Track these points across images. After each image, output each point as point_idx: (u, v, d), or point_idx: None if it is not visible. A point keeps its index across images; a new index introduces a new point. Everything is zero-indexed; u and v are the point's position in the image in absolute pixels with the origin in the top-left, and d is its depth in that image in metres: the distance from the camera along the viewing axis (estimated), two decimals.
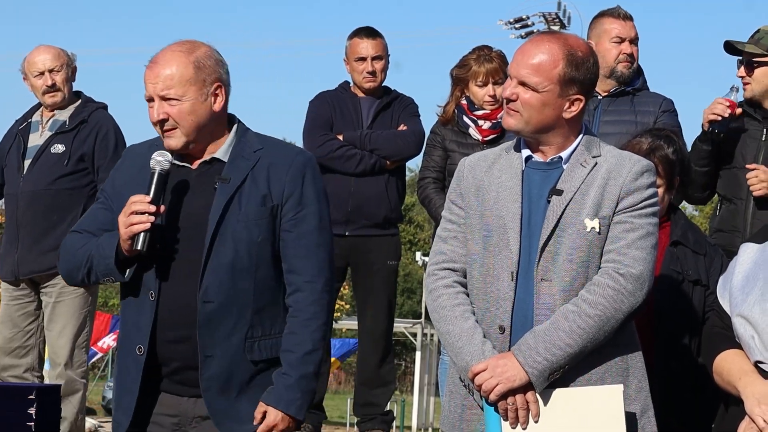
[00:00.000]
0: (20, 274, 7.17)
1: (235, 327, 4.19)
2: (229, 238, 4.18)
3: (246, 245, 4.19)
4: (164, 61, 4.21)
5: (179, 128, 4.21)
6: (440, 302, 4.18)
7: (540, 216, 4.08)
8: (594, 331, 3.97)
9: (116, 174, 4.42)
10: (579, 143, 4.16)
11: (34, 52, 7.33)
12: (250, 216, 4.19)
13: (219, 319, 4.18)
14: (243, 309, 4.20)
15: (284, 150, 4.35)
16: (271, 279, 4.26)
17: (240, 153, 4.27)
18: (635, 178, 4.08)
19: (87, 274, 4.28)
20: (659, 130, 5.25)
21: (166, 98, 4.19)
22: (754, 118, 6.14)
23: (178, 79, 4.19)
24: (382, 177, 7.30)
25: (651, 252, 4.07)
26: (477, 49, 7.25)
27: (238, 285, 4.19)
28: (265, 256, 4.23)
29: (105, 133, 7.21)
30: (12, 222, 7.20)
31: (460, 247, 4.22)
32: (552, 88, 4.08)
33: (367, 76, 7.35)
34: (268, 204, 4.21)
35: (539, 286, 4.04)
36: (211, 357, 4.18)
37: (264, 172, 4.23)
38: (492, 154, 4.28)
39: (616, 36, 6.16)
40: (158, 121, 4.21)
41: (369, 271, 7.32)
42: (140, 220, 4.09)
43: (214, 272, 4.17)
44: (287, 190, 4.23)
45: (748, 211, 6.03)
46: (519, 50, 4.15)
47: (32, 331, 7.28)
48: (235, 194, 4.20)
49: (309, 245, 4.25)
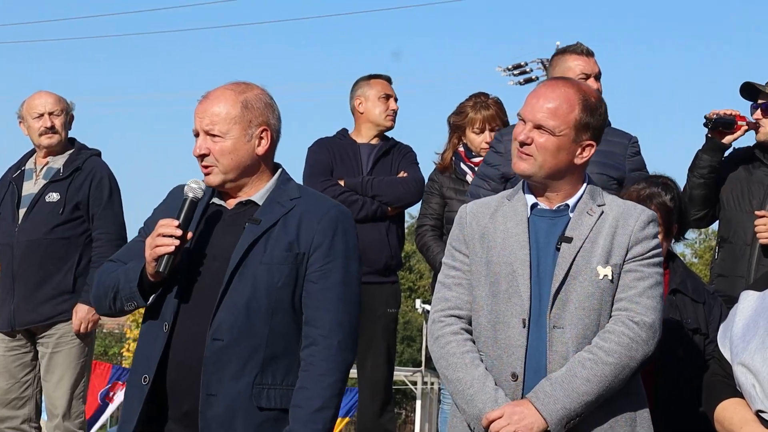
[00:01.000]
0: (17, 325, 7.14)
1: (243, 369, 4.12)
2: (249, 278, 4.15)
3: (265, 288, 4.15)
4: (214, 98, 4.25)
5: (218, 165, 4.23)
6: (448, 349, 4.15)
7: (549, 263, 4.07)
8: (611, 378, 3.97)
9: (158, 208, 4.44)
10: (584, 191, 4.16)
11: (34, 95, 7.35)
12: (274, 260, 4.17)
13: (227, 358, 4.12)
14: (254, 352, 4.13)
15: (321, 201, 4.34)
16: (289, 327, 4.19)
17: (276, 198, 4.27)
18: (643, 228, 4.10)
19: (113, 300, 4.28)
20: (656, 177, 5.25)
21: (210, 134, 4.22)
22: (764, 163, 6.13)
23: (224, 117, 4.21)
24: (382, 224, 7.30)
25: (660, 301, 4.08)
26: (474, 96, 7.29)
27: (252, 327, 4.13)
28: (284, 302, 4.17)
29: (99, 180, 7.21)
30: (8, 272, 7.16)
31: (465, 293, 4.20)
32: (568, 132, 4.08)
33: (391, 114, 7.44)
34: (293, 250, 4.18)
35: (552, 334, 4.02)
36: (214, 396, 4.11)
37: (296, 220, 4.22)
38: (494, 201, 4.28)
39: (581, 73, 6.09)
40: (199, 155, 4.24)
41: (369, 319, 7.28)
42: (165, 243, 4.10)
43: (229, 310, 4.14)
44: (316, 240, 4.20)
45: (753, 257, 6.02)
46: (533, 94, 4.15)
47: (29, 381, 7.24)
48: (262, 236, 4.19)
49: (330, 298, 4.18)
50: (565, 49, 6.26)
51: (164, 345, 4.17)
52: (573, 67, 6.15)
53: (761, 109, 6.09)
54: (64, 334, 7.10)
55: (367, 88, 7.46)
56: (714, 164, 6.14)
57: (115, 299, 4.27)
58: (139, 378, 4.19)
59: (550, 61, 6.40)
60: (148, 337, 4.26)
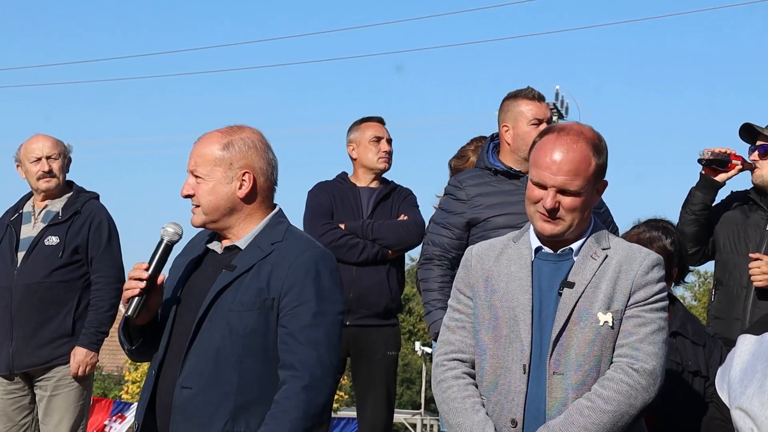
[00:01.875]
0: (15, 368, 7.12)
1: (213, 417, 4.06)
2: (219, 324, 4.11)
3: (235, 334, 4.10)
4: (203, 139, 4.28)
5: (201, 206, 4.24)
6: (450, 394, 4.13)
7: (551, 308, 4.04)
8: (609, 426, 3.93)
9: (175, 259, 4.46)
10: (589, 235, 4.14)
11: (32, 139, 7.35)
12: (243, 306, 4.11)
13: (196, 406, 4.08)
14: (225, 400, 4.06)
15: (299, 244, 4.24)
16: (263, 374, 4.10)
17: (258, 243, 4.23)
18: (646, 272, 4.06)
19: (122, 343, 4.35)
20: (656, 221, 5.25)
21: (195, 174, 4.24)
22: (760, 206, 6.14)
23: (206, 158, 4.22)
24: (383, 267, 7.30)
25: (662, 347, 4.04)
26: (475, 140, 7.29)
27: (221, 374, 4.08)
28: (255, 349, 4.10)
29: (98, 223, 7.21)
30: (6, 315, 7.14)
31: (469, 337, 4.17)
32: (590, 186, 4.06)
33: (383, 156, 7.40)
34: (262, 296, 4.12)
35: (551, 380, 3.99)
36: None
37: (269, 265, 4.17)
38: (499, 244, 4.25)
39: (533, 118, 6.07)
40: (185, 195, 4.25)
41: (369, 362, 7.28)
42: (131, 286, 4.12)
43: (198, 357, 4.11)
44: (287, 284, 4.13)
45: (748, 300, 6.02)
46: (543, 154, 4.06)
47: (27, 424, 7.23)
48: (233, 281, 4.15)
49: (301, 341, 4.09)
50: (517, 94, 6.21)
51: (151, 390, 4.19)
52: (525, 112, 6.11)
53: (759, 152, 6.09)
54: (62, 377, 7.09)
55: (358, 133, 7.45)
56: (707, 202, 6.14)
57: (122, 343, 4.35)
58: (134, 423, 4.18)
59: (501, 105, 6.29)
60: (145, 381, 4.27)
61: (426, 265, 6.26)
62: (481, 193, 6.11)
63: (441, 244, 6.19)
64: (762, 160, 6.09)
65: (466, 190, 6.12)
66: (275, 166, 4.34)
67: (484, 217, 6.05)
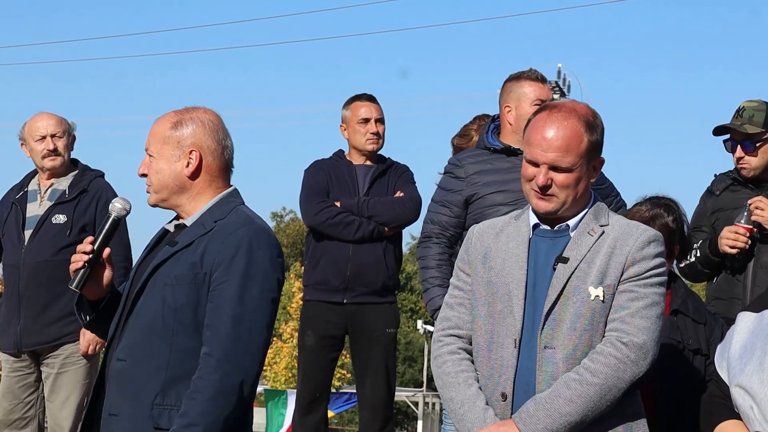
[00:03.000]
0: (23, 346, 7.15)
1: (143, 389, 4.09)
2: (153, 298, 4.15)
3: (167, 308, 4.12)
4: (159, 119, 4.33)
5: (152, 185, 4.29)
6: (444, 368, 4.18)
7: (545, 283, 4.07)
8: (595, 399, 3.95)
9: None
10: (587, 211, 4.16)
11: (36, 117, 7.34)
12: (176, 280, 4.13)
13: (128, 378, 4.13)
14: (155, 372, 4.09)
15: (236, 221, 4.22)
16: (193, 349, 4.08)
17: (202, 221, 4.25)
18: (642, 247, 4.07)
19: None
20: (658, 198, 5.26)
21: (149, 153, 4.29)
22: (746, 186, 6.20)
23: (157, 137, 4.27)
24: (379, 244, 7.30)
25: (656, 322, 4.05)
26: (478, 119, 7.29)
27: (152, 347, 4.11)
28: (185, 323, 4.10)
29: (105, 202, 7.14)
30: (14, 293, 7.16)
31: (466, 313, 4.21)
32: (582, 162, 4.08)
33: (371, 137, 7.37)
34: (194, 270, 4.12)
35: (542, 354, 4.02)
36: (115, 416, 4.12)
37: (203, 241, 4.17)
38: (501, 222, 4.28)
39: (536, 99, 6.09)
40: (140, 174, 4.31)
41: (368, 340, 7.29)
42: (76, 259, 4.20)
43: (133, 331, 4.16)
44: (217, 260, 4.12)
45: (748, 279, 6.04)
46: (535, 132, 4.11)
47: (32, 402, 7.25)
48: (171, 257, 4.18)
49: (220, 316, 4.06)
50: (520, 75, 6.25)
51: (102, 365, 4.28)
52: (528, 93, 6.15)
53: (740, 147, 6.14)
54: (70, 355, 7.12)
55: (348, 113, 7.45)
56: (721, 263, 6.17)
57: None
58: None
59: (503, 87, 6.33)
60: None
61: (424, 243, 6.30)
62: (479, 171, 6.15)
63: (439, 222, 6.22)
64: (747, 156, 6.14)
65: (465, 168, 6.15)
66: (227, 147, 4.33)
67: (482, 194, 6.09)
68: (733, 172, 6.28)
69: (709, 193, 6.37)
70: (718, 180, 6.36)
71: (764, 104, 6.15)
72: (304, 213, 7.39)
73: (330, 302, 7.27)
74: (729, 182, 6.26)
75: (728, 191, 6.25)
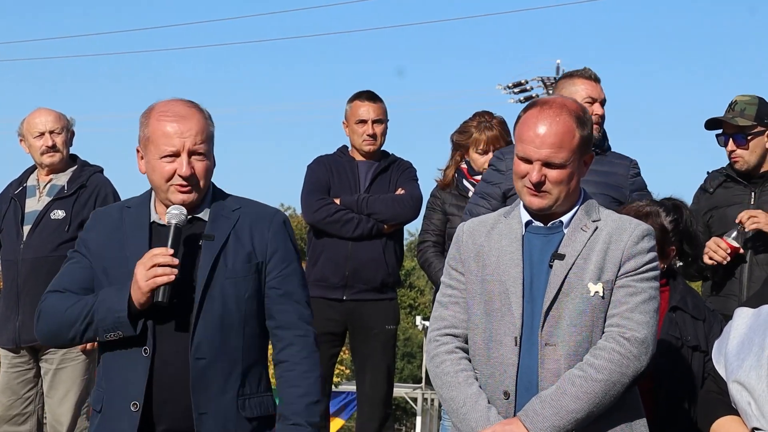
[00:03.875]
0: (21, 342, 7.14)
1: (227, 384, 4.17)
2: (217, 294, 4.17)
3: (234, 301, 4.20)
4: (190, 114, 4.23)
5: (199, 185, 4.24)
6: (443, 368, 4.17)
7: (542, 280, 4.07)
8: (600, 395, 3.96)
9: (89, 235, 4.36)
10: (579, 207, 4.16)
11: (34, 113, 7.34)
12: (238, 273, 4.20)
13: (211, 376, 4.16)
14: (233, 366, 4.20)
15: (262, 208, 4.37)
16: (257, 336, 4.28)
17: (220, 212, 4.27)
18: (636, 242, 4.08)
19: (84, 331, 4.18)
20: (667, 199, 5.25)
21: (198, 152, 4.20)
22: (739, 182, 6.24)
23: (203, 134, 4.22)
24: (379, 241, 7.31)
25: (654, 316, 4.06)
26: (478, 115, 7.29)
27: (228, 341, 4.19)
28: (252, 312, 4.24)
29: (104, 197, 7.21)
30: (12, 289, 7.16)
31: (461, 312, 4.20)
32: (575, 157, 4.08)
33: (367, 139, 7.38)
34: (253, 261, 4.23)
35: (544, 351, 4.02)
36: (205, 414, 4.14)
37: (246, 230, 4.25)
38: (491, 219, 4.28)
39: (587, 96, 6.12)
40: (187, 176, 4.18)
41: (367, 336, 7.30)
42: (165, 272, 4.07)
43: (205, 329, 4.16)
44: (270, 247, 4.27)
45: (744, 275, 6.06)
46: (527, 128, 4.09)
47: (31, 398, 7.26)
48: (220, 252, 4.20)
49: (297, 301, 4.30)
50: (573, 73, 6.30)
51: (149, 369, 4.14)
52: (579, 91, 6.17)
53: (732, 140, 6.16)
54: (69, 351, 7.10)
55: (348, 112, 7.49)
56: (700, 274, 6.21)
57: (87, 330, 4.18)
58: (126, 405, 4.14)
59: (556, 84, 6.42)
60: (123, 361, 4.19)
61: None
62: None
63: (477, 214, 6.21)
64: (739, 149, 6.15)
65: (506, 161, 6.15)
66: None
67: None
68: (725, 168, 6.31)
69: (702, 190, 6.39)
70: (711, 177, 6.38)
71: (756, 98, 6.20)
72: (304, 210, 7.40)
73: (330, 299, 7.28)
74: (722, 179, 6.28)
75: (722, 188, 6.27)
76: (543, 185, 4.07)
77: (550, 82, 40.28)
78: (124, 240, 4.25)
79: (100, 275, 4.24)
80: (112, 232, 4.29)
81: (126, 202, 4.40)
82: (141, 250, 4.19)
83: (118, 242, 4.25)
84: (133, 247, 4.22)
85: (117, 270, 4.21)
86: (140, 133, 4.25)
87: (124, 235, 4.26)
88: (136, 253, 4.18)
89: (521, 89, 41.13)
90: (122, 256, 4.22)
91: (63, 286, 4.31)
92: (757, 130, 6.14)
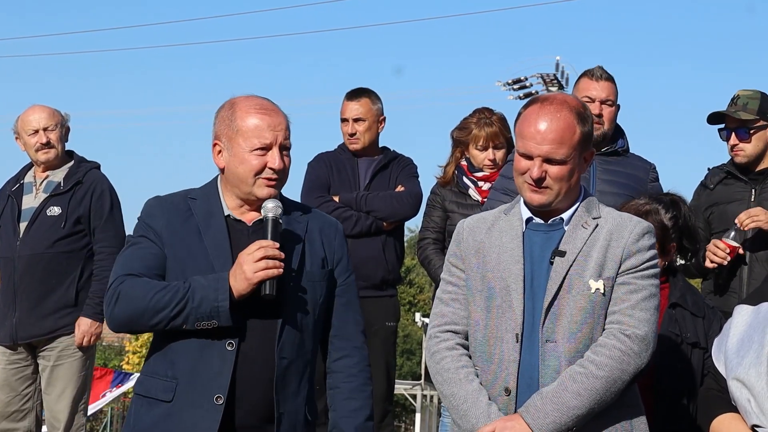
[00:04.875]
0: (19, 339, 7.14)
1: (300, 386, 4.21)
2: (298, 296, 4.20)
3: (311, 304, 4.24)
4: (271, 108, 4.26)
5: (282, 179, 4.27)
6: (443, 365, 4.16)
7: (543, 277, 4.07)
8: (602, 392, 3.96)
9: (154, 222, 4.24)
10: (579, 204, 4.16)
11: (28, 111, 7.34)
12: (315, 276, 4.25)
13: (290, 376, 4.17)
14: (305, 368, 4.24)
15: (324, 216, 4.47)
16: (319, 341, 4.34)
17: (293, 217, 4.27)
18: (637, 240, 4.08)
19: (171, 318, 4.07)
20: (665, 194, 5.24)
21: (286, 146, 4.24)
22: (740, 179, 6.24)
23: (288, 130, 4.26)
24: (379, 238, 7.30)
25: (654, 313, 4.07)
26: (478, 112, 7.26)
27: (304, 344, 4.22)
28: (322, 316, 4.30)
29: (100, 193, 7.22)
30: (9, 285, 7.17)
31: (462, 309, 4.20)
32: (575, 154, 4.08)
33: (348, 138, 7.40)
34: (326, 267, 4.30)
35: (544, 348, 4.02)
36: (283, 414, 4.15)
37: (317, 236, 4.31)
38: (491, 216, 4.27)
39: (586, 96, 6.13)
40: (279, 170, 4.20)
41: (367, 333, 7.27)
42: (275, 265, 4.06)
43: (289, 328, 4.17)
44: (337, 255, 4.35)
45: (743, 272, 6.06)
46: (527, 124, 4.09)
47: (29, 394, 7.26)
48: (303, 253, 4.24)
49: (356, 311, 4.40)
50: (585, 72, 6.31)
51: (233, 364, 4.10)
52: (581, 89, 6.22)
53: (735, 134, 6.16)
54: (66, 347, 7.12)
55: (341, 109, 7.50)
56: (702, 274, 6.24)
57: (177, 317, 4.07)
58: (207, 397, 4.08)
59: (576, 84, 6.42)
60: (202, 353, 4.12)
61: None
62: None
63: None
64: (742, 143, 6.15)
65: None
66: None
67: None
68: (726, 165, 6.32)
69: (702, 187, 6.39)
70: (712, 174, 6.38)
71: (759, 93, 6.22)
72: None
73: None
74: (723, 175, 6.29)
75: (722, 185, 6.28)
76: (543, 181, 4.07)
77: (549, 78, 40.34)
78: (199, 230, 4.20)
79: (173, 262, 4.17)
80: (184, 221, 4.23)
81: (187, 193, 4.33)
82: (221, 242, 4.18)
83: (193, 232, 4.20)
84: (211, 238, 4.19)
85: (195, 260, 4.16)
86: (221, 128, 4.23)
87: (198, 225, 4.21)
88: (215, 245, 4.17)
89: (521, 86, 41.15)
90: (201, 246, 4.18)
91: (137, 270, 4.17)
92: (759, 124, 6.16)
